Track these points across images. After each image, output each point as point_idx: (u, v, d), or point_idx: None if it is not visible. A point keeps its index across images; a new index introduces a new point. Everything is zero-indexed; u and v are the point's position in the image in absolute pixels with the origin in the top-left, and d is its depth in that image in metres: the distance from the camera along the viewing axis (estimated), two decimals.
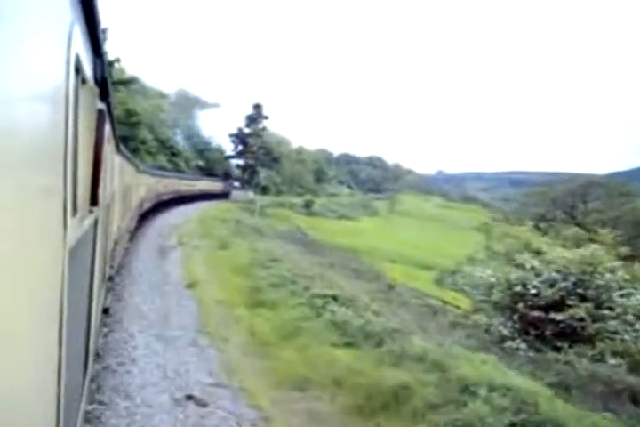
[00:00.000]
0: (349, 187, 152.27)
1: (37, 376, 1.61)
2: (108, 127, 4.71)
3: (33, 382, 1.54)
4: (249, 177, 72.35)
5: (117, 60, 39.52)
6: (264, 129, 71.55)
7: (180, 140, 72.77)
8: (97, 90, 3.52)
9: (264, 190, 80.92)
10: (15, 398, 1.28)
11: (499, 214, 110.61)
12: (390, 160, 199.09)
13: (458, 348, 9.77)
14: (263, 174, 78.77)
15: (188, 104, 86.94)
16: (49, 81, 1.59)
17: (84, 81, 2.68)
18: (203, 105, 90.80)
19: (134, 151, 38.88)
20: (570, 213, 68.57)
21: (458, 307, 19.95)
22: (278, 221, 54.71)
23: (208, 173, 74.54)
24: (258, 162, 72.15)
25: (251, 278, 14.32)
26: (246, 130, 71.28)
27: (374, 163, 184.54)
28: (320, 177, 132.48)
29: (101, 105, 3.93)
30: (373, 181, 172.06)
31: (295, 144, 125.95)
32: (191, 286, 13.46)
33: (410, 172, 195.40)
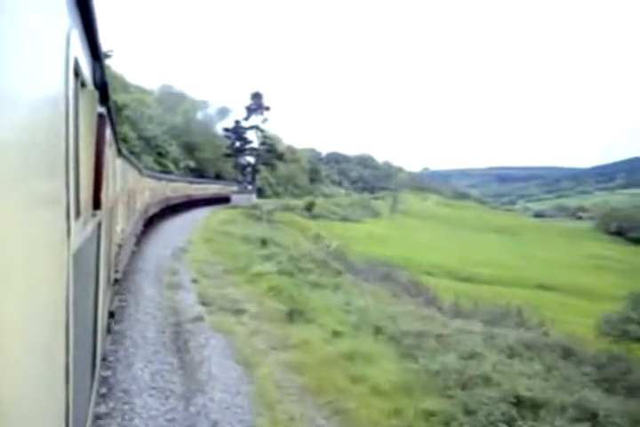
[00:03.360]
0: (342, 186, 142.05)
1: (45, 381, 1.55)
2: (108, 131, 4.41)
3: (41, 386, 1.48)
4: (251, 177, 60.77)
5: None
6: (265, 121, 59.57)
7: (166, 139, 61.46)
8: (97, 94, 3.29)
9: (260, 192, 70.84)
10: (24, 403, 1.23)
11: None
12: (379, 158, 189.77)
13: None
14: (259, 175, 67.68)
15: (174, 100, 75.80)
16: (48, 85, 1.54)
17: (83, 85, 2.64)
18: (189, 101, 79.59)
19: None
20: None
21: None
22: (295, 230, 43.81)
23: (199, 174, 64.02)
24: (259, 159, 60.45)
25: None
26: (244, 123, 59.45)
27: (365, 161, 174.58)
28: (313, 177, 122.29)
29: (102, 109, 3.63)
30: (365, 179, 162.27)
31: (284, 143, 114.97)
32: None
33: (400, 170, 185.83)
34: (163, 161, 57.23)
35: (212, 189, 53.12)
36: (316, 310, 10.23)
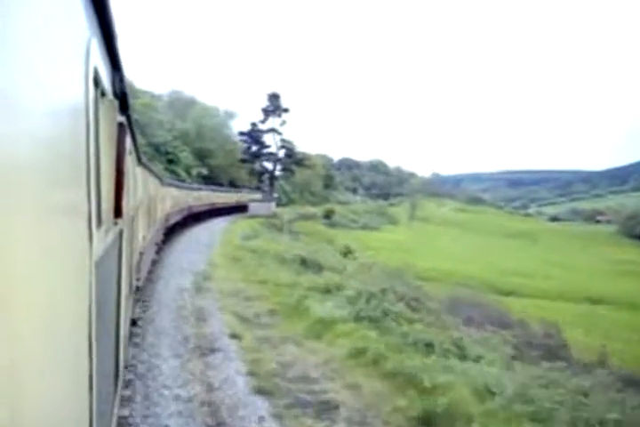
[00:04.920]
0: (357, 193, 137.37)
1: (69, 389, 1.52)
2: (128, 140, 4.32)
3: (64, 394, 1.44)
4: (269, 184, 56.12)
5: None
6: (284, 124, 54.96)
7: (177, 145, 57.23)
8: (117, 103, 3.25)
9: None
10: (48, 412, 1.22)
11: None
12: (390, 164, 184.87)
13: None
14: (276, 181, 63.21)
15: (184, 106, 71.69)
16: (69, 95, 1.53)
17: (103, 94, 2.60)
18: (199, 106, 75.40)
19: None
20: None
21: None
22: (322, 242, 39.19)
23: (212, 182, 59.80)
24: (277, 165, 55.80)
25: None
26: (261, 126, 54.84)
27: (376, 167, 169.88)
28: (328, 183, 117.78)
29: (121, 118, 3.61)
30: (378, 185, 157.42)
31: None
32: None
33: (412, 175, 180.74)
34: (174, 168, 53.10)
35: (234, 197, 51.02)
36: (469, 413, 5.56)
